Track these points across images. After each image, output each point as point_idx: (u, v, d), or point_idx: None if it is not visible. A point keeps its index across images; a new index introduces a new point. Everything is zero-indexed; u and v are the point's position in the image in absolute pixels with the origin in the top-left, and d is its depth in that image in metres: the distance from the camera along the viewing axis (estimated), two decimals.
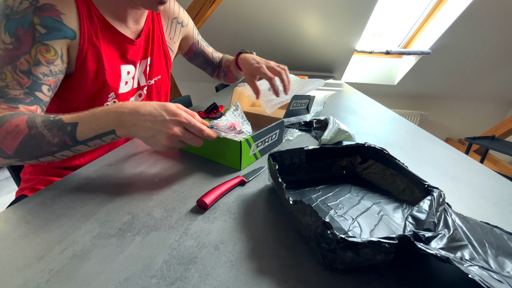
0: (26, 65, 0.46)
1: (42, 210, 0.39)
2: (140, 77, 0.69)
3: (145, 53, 0.67)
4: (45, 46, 0.48)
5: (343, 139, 0.67)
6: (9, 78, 0.45)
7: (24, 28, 0.46)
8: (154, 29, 0.68)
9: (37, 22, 0.46)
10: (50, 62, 0.49)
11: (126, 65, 0.62)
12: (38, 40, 0.47)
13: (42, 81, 0.48)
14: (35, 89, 0.48)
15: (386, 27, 2.35)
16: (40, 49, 0.47)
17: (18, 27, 0.45)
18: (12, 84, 0.46)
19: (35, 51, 0.47)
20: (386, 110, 1.08)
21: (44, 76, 0.48)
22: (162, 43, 0.72)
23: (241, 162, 0.51)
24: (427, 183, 0.38)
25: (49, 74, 0.49)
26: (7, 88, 0.45)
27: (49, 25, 0.48)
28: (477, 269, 0.25)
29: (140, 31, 0.64)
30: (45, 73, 0.48)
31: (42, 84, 0.48)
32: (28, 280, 0.28)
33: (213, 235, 0.34)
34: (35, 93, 0.48)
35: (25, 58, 0.46)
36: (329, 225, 0.28)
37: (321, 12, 1.72)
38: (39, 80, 0.48)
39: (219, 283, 0.27)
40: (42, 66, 0.48)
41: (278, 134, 0.63)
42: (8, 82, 0.45)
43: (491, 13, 1.70)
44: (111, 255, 0.31)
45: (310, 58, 2.14)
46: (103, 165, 0.53)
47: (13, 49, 0.46)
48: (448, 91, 2.51)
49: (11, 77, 0.45)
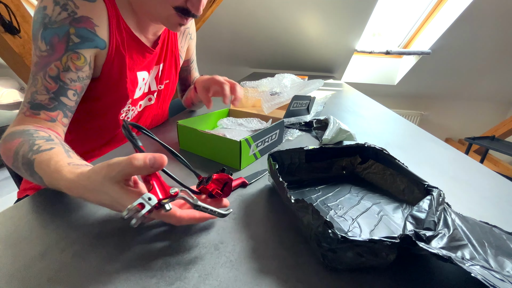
0: (56, 71, 0.48)
1: (42, 210, 0.39)
2: (151, 82, 0.71)
3: (159, 59, 0.70)
4: (76, 54, 0.49)
5: (344, 138, 0.67)
6: (39, 84, 0.48)
7: (59, 37, 0.48)
8: (170, 36, 0.71)
9: (72, 32, 0.48)
10: (79, 68, 0.51)
11: (141, 72, 0.64)
12: (71, 48, 0.49)
13: (69, 86, 0.50)
14: (61, 94, 0.49)
15: (386, 27, 2.35)
16: (71, 57, 0.49)
17: (54, 36, 0.47)
18: (40, 90, 0.48)
19: (66, 58, 0.49)
20: (386, 110, 1.08)
21: (71, 82, 0.50)
22: (175, 50, 0.74)
23: (241, 162, 0.51)
24: (427, 183, 0.38)
25: (77, 79, 0.51)
26: (36, 94, 0.48)
27: (83, 35, 0.50)
28: (478, 268, 0.25)
29: (157, 39, 0.67)
30: (73, 78, 0.50)
31: (68, 89, 0.50)
32: (29, 279, 0.28)
33: (213, 235, 0.34)
34: (60, 98, 0.50)
35: (55, 65, 0.48)
36: (330, 224, 0.28)
37: (321, 12, 1.72)
38: (66, 85, 0.49)
39: (219, 283, 0.28)
40: (71, 72, 0.50)
41: (278, 134, 0.63)
42: (38, 88, 0.48)
43: (491, 13, 1.70)
44: (111, 255, 0.31)
45: (310, 58, 2.14)
46: None
47: (47, 56, 0.48)
48: (448, 91, 2.51)
49: (41, 83, 0.48)
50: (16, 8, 1.11)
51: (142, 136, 0.58)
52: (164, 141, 0.64)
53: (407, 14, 2.16)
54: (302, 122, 0.81)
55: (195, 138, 0.57)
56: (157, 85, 0.73)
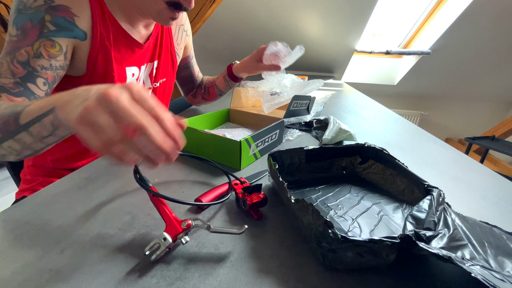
0: (25, 56, 0.46)
1: (42, 210, 0.39)
2: (145, 79, 0.70)
3: (153, 56, 0.69)
4: (50, 41, 0.48)
5: (344, 138, 0.67)
6: (4, 67, 0.45)
7: (33, 23, 0.46)
8: (163, 33, 0.70)
9: (48, 19, 0.47)
10: (52, 56, 0.48)
11: (131, 67, 0.63)
12: (45, 35, 0.47)
13: (39, 73, 0.47)
14: (28, 80, 0.46)
15: (386, 27, 2.35)
16: (45, 44, 0.47)
17: (26, 21, 0.46)
18: (5, 73, 0.45)
19: (39, 44, 0.47)
20: (386, 110, 1.08)
21: (42, 69, 0.48)
22: (171, 47, 0.73)
23: (241, 162, 0.51)
24: (427, 183, 0.38)
25: (48, 67, 0.48)
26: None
27: (60, 24, 0.48)
28: (479, 268, 0.25)
29: (149, 35, 0.66)
30: (44, 66, 0.48)
31: (38, 76, 0.47)
32: (28, 280, 0.28)
33: (213, 235, 0.34)
34: (27, 84, 0.46)
35: (25, 50, 0.46)
36: (331, 224, 0.28)
37: (321, 12, 1.72)
38: (35, 72, 0.47)
39: (219, 283, 0.27)
40: (43, 59, 0.47)
41: (278, 134, 0.63)
42: (2, 71, 0.45)
43: (491, 13, 1.69)
44: (111, 255, 0.31)
45: (310, 58, 2.14)
46: (103, 165, 0.53)
47: (16, 41, 0.46)
48: (448, 91, 2.50)
49: (6, 67, 0.45)
50: None
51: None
52: None
53: (407, 14, 2.16)
54: (302, 122, 0.80)
55: (195, 138, 0.57)
56: (152, 82, 0.72)
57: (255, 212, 0.38)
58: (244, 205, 0.38)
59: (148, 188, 0.33)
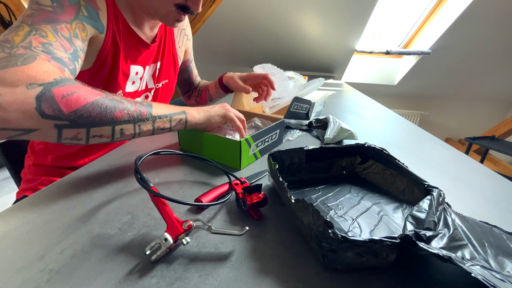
0: (67, 33, 0.44)
1: (42, 210, 0.39)
2: (149, 80, 0.72)
3: (156, 57, 0.70)
4: (83, 25, 0.48)
5: (346, 137, 0.67)
6: (51, 37, 0.41)
7: (71, 2, 0.46)
8: (166, 35, 0.71)
9: (83, 4, 0.48)
10: (83, 40, 0.48)
11: (135, 66, 0.64)
12: (80, 18, 0.47)
13: (79, 54, 0.46)
14: (75, 59, 0.45)
15: (386, 27, 2.35)
16: (79, 26, 0.47)
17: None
18: (56, 45, 0.41)
19: (75, 25, 0.46)
20: (386, 110, 1.08)
21: (79, 51, 0.47)
22: (173, 49, 0.75)
23: (241, 161, 0.51)
24: (427, 183, 0.38)
25: (82, 50, 0.48)
26: (51, 46, 0.40)
27: (90, 12, 0.49)
28: (479, 268, 0.25)
29: (154, 37, 0.67)
30: (81, 47, 0.47)
31: (78, 57, 0.46)
32: (28, 280, 0.28)
33: (213, 235, 0.34)
34: (75, 62, 0.45)
35: (66, 26, 0.44)
36: (331, 224, 0.28)
37: (321, 12, 1.72)
38: (77, 52, 0.46)
39: (219, 283, 0.27)
40: (79, 41, 0.46)
41: (278, 134, 0.63)
42: (52, 41, 0.41)
43: (491, 13, 1.69)
44: (111, 255, 0.31)
45: (310, 58, 2.14)
46: (103, 165, 0.53)
47: (53, 12, 0.43)
48: (448, 91, 2.50)
49: (53, 37, 0.41)
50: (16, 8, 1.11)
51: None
52: (165, 142, 0.65)
53: (407, 14, 2.16)
54: (302, 124, 0.80)
55: (195, 138, 0.57)
56: (154, 83, 0.73)
57: (255, 212, 0.38)
58: (244, 205, 0.38)
59: (149, 189, 0.33)
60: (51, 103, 0.35)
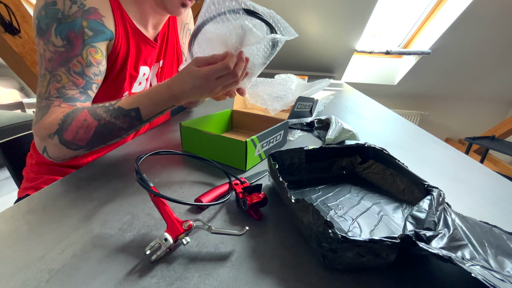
0: (80, 67, 0.49)
1: (42, 210, 0.39)
2: (152, 79, 0.72)
3: (159, 56, 0.70)
4: (93, 48, 0.51)
5: (347, 138, 0.67)
6: (64, 79, 0.49)
7: (75, 32, 0.48)
8: (169, 33, 0.71)
9: (85, 25, 0.49)
10: (99, 62, 0.52)
11: (144, 67, 0.65)
12: (87, 42, 0.50)
13: (93, 81, 0.52)
14: (88, 88, 0.51)
15: (386, 27, 2.35)
16: (90, 51, 0.50)
17: (70, 30, 0.48)
18: (68, 85, 0.49)
19: (86, 53, 0.50)
20: (386, 110, 1.08)
21: (95, 76, 0.52)
22: (177, 46, 0.75)
23: (246, 162, 0.51)
24: (427, 183, 0.38)
25: (99, 73, 0.53)
26: (64, 89, 0.49)
27: (94, 28, 0.50)
28: (479, 268, 0.25)
29: (156, 35, 0.67)
30: (96, 73, 0.52)
31: (93, 83, 0.52)
32: (28, 280, 0.28)
33: (213, 235, 0.34)
34: (88, 91, 0.51)
35: (77, 60, 0.49)
36: (331, 224, 0.28)
37: (321, 12, 1.72)
38: (91, 80, 0.51)
39: (219, 283, 0.27)
40: (93, 67, 0.51)
41: (282, 135, 0.62)
42: (65, 83, 0.49)
43: (491, 13, 1.70)
44: (111, 255, 0.31)
45: (310, 58, 2.14)
46: (103, 165, 0.53)
47: (65, 52, 0.48)
48: (448, 91, 2.51)
49: (66, 79, 0.49)
50: (16, 8, 1.11)
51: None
52: (167, 142, 0.65)
53: (407, 14, 2.16)
54: (303, 123, 0.81)
55: (199, 139, 0.56)
56: (158, 81, 0.73)
57: (255, 212, 0.38)
58: (244, 205, 0.38)
59: (149, 189, 0.33)
60: (70, 145, 0.47)
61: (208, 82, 0.47)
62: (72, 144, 0.47)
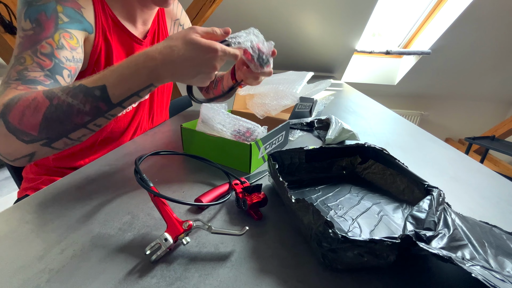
0: (49, 48, 0.44)
1: (42, 210, 0.39)
2: None
3: None
4: (68, 33, 0.47)
5: (347, 138, 0.67)
6: (28, 61, 0.43)
7: (47, 15, 0.45)
8: (160, 30, 0.70)
9: (60, 10, 0.46)
10: (73, 48, 0.48)
11: None
12: (61, 27, 0.46)
13: (64, 65, 0.46)
14: (56, 72, 0.45)
15: (386, 27, 2.35)
16: (64, 35, 0.46)
17: (40, 13, 0.45)
18: (31, 67, 0.42)
19: (59, 36, 0.45)
20: (386, 110, 1.08)
21: (66, 61, 0.46)
22: None
23: (251, 165, 0.51)
24: (427, 183, 0.38)
25: (72, 59, 0.47)
26: (26, 71, 0.42)
27: (71, 15, 0.48)
28: (479, 268, 0.25)
29: (146, 32, 0.66)
30: (68, 58, 0.47)
31: (64, 68, 0.46)
32: (28, 280, 0.28)
33: (213, 235, 0.34)
34: (56, 76, 0.45)
35: (47, 42, 0.44)
36: (331, 224, 0.28)
37: (321, 12, 1.72)
38: (61, 63, 0.45)
39: (219, 283, 0.27)
40: (66, 51, 0.46)
41: (284, 136, 0.62)
42: (28, 65, 0.42)
43: (491, 13, 1.69)
44: (111, 255, 0.31)
45: (310, 58, 2.14)
46: (103, 165, 0.53)
47: (33, 35, 0.44)
48: (448, 91, 2.50)
49: (30, 60, 0.43)
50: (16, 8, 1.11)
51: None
52: (167, 143, 0.65)
53: (407, 14, 2.16)
54: (304, 123, 0.81)
55: (200, 141, 0.55)
56: None
57: (255, 212, 0.38)
58: (244, 205, 0.38)
59: (149, 189, 0.33)
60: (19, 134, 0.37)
61: (211, 56, 0.38)
62: (21, 132, 0.37)
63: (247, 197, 0.38)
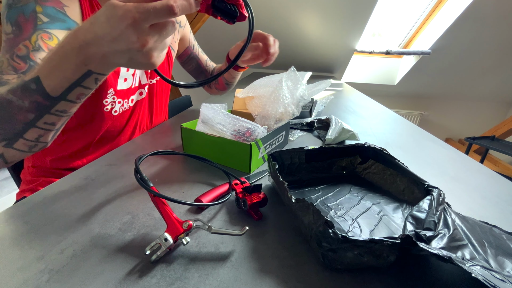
0: (25, 50, 0.44)
1: (42, 210, 0.39)
2: (141, 76, 0.69)
3: None
4: (47, 34, 0.46)
5: (347, 138, 0.67)
6: (5, 64, 0.43)
7: (26, 16, 0.44)
8: None
9: (40, 10, 0.45)
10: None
11: None
12: (40, 27, 0.45)
13: None
14: None
15: (386, 27, 2.35)
16: (42, 36, 0.45)
17: (19, 14, 0.44)
18: (6, 70, 0.42)
19: (36, 37, 0.45)
20: (386, 110, 1.08)
21: None
22: None
23: (251, 165, 0.51)
24: (427, 183, 0.38)
25: None
26: (0, 74, 0.42)
27: (52, 14, 0.47)
28: (479, 268, 0.25)
29: None
30: None
31: None
32: (28, 280, 0.28)
33: (213, 235, 0.34)
34: None
35: (24, 44, 0.44)
36: (331, 224, 0.28)
37: (321, 12, 1.72)
38: (36, 65, 0.44)
39: (219, 283, 0.27)
40: (42, 52, 0.45)
41: (284, 136, 0.62)
42: (4, 68, 0.43)
43: (491, 13, 1.70)
44: (111, 255, 0.31)
45: (310, 58, 2.14)
46: (103, 165, 0.53)
47: (13, 37, 0.44)
48: (448, 91, 2.51)
49: (6, 63, 0.43)
50: None
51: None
52: (167, 143, 0.65)
53: (407, 14, 2.16)
54: (304, 123, 0.81)
55: (201, 142, 0.55)
56: (147, 78, 0.71)
57: (255, 212, 0.38)
58: (244, 205, 0.38)
59: (149, 189, 0.33)
60: None
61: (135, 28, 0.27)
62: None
63: (247, 197, 0.38)
